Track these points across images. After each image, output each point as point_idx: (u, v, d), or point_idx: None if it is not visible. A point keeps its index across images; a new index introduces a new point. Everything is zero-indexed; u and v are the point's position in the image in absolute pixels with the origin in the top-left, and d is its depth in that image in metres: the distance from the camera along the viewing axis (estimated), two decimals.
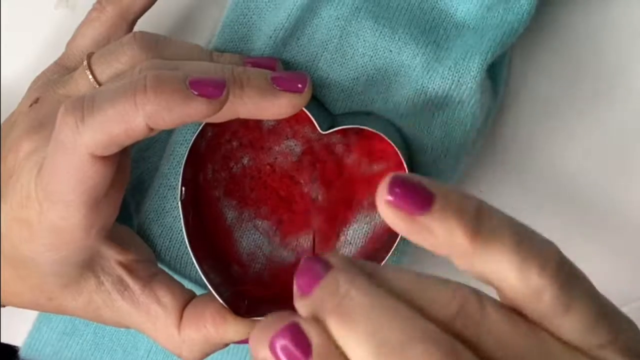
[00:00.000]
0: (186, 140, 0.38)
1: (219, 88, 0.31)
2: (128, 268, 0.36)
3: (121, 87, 0.31)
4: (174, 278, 0.37)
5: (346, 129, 0.37)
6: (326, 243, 0.39)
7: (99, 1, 0.38)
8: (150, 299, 0.36)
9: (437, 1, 0.38)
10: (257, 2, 0.38)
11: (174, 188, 0.38)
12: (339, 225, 0.38)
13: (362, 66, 0.37)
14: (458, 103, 0.37)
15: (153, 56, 0.35)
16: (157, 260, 0.38)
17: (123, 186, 0.34)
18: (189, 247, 0.36)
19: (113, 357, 0.43)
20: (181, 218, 0.36)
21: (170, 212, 0.38)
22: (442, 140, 0.37)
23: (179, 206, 0.36)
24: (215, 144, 0.37)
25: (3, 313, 0.41)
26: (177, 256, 0.39)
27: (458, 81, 0.36)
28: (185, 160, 0.36)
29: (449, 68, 0.37)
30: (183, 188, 0.36)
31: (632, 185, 0.42)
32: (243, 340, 0.36)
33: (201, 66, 0.33)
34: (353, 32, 0.37)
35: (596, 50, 0.41)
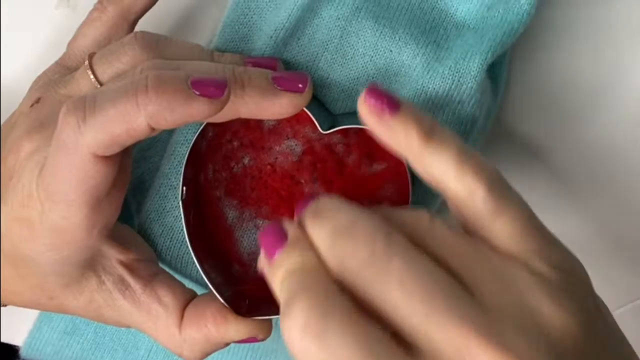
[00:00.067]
0: (187, 140, 0.38)
1: (221, 88, 0.31)
2: (129, 267, 0.36)
3: (123, 87, 0.31)
4: (175, 278, 0.37)
5: (347, 129, 0.37)
6: None
7: (100, 1, 0.38)
8: (151, 299, 0.36)
9: (438, 1, 0.38)
10: (258, 2, 0.38)
11: (175, 188, 0.38)
12: None
13: (363, 66, 0.37)
14: (458, 103, 0.37)
15: (154, 56, 0.35)
16: (158, 259, 0.38)
17: (124, 186, 0.34)
18: (190, 247, 0.36)
19: (114, 357, 0.43)
20: (182, 218, 0.36)
21: (171, 212, 0.38)
22: None
23: (180, 206, 0.36)
24: (216, 144, 0.37)
25: (3, 312, 0.41)
26: (178, 256, 0.39)
27: (458, 81, 0.37)
28: (186, 160, 0.36)
29: (449, 68, 0.37)
30: (184, 188, 0.36)
31: (633, 184, 0.42)
32: (244, 339, 0.36)
33: (202, 66, 0.33)
34: (353, 32, 0.37)
35: (596, 49, 0.41)
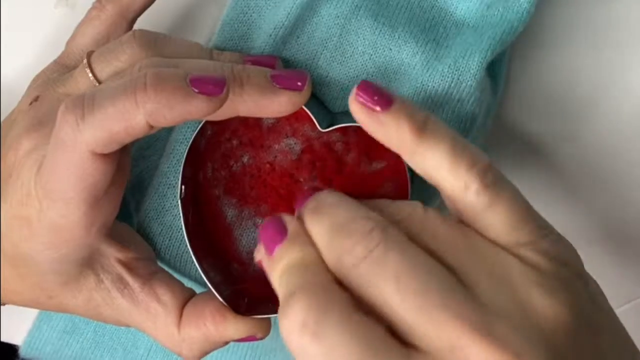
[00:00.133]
0: (186, 138, 0.38)
1: (219, 86, 0.31)
2: (128, 266, 0.36)
3: (121, 85, 0.31)
4: (174, 276, 0.37)
5: (346, 127, 0.37)
6: None
7: (99, 0, 0.38)
8: (149, 297, 0.36)
9: None
10: (257, 1, 0.38)
11: (174, 186, 0.38)
12: None
13: (362, 64, 0.37)
14: (458, 101, 0.37)
15: (153, 54, 0.35)
16: (157, 258, 0.38)
17: (123, 184, 0.34)
18: (189, 246, 0.36)
19: (113, 356, 0.43)
20: (181, 216, 0.36)
21: (170, 211, 0.38)
22: None
23: (179, 204, 0.36)
24: (215, 143, 0.37)
25: (3, 312, 0.41)
26: (177, 254, 0.39)
27: (458, 79, 0.37)
28: (185, 158, 0.36)
29: (449, 66, 0.37)
30: (183, 186, 0.36)
31: (633, 184, 0.42)
32: (243, 338, 0.36)
33: (201, 64, 0.33)
34: (353, 31, 0.37)
35: (596, 48, 0.41)
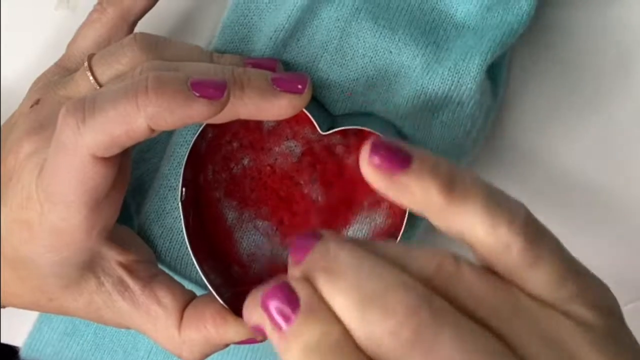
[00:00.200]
0: (186, 141, 0.38)
1: (220, 89, 0.31)
2: (128, 269, 0.36)
3: (122, 89, 0.31)
4: (174, 279, 0.37)
5: (346, 130, 0.37)
6: None
7: (100, 2, 0.38)
8: (150, 300, 0.36)
9: (437, 2, 0.38)
10: (258, 3, 0.38)
11: (175, 189, 0.38)
12: (339, 226, 0.39)
13: (362, 67, 0.37)
14: (458, 104, 0.37)
15: (153, 57, 0.35)
16: (158, 261, 0.38)
17: (124, 187, 0.34)
18: (190, 248, 0.36)
19: (113, 358, 0.43)
20: (181, 219, 0.36)
21: (170, 213, 0.38)
22: (442, 140, 0.37)
23: (180, 207, 0.36)
24: (215, 145, 0.37)
25: (3, 314, 0.41)
26: (178, 257, 0.39)
27: (458, 82, 0.37)
28: (185, 161, 0.36)
29: (449, 69, 0.37)
30: (183, 189, 0.36)
31: (633, 184, 0.42)
32: (243, 340, 0.36)
33: (202, 67, 0.33)
34: (353, 33, 0.37)
35: (596, 50, 0.41)
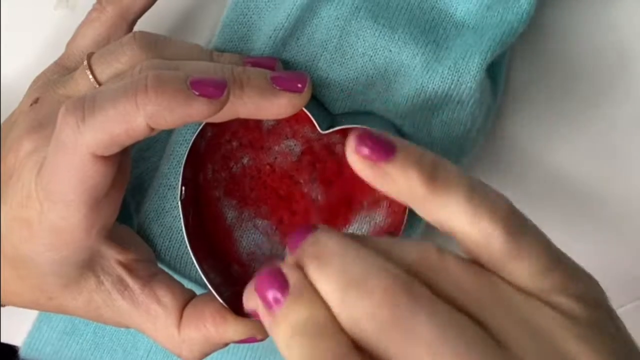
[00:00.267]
0: (186, 140, 0.38)
1: (220, 88, 0.31)
2: (128, 268, 0.36)
3: (122, 87, 0.31)
4: (174, 278, 0.37)
5: (346, 129, 0.37)
6: None
7: (99, 1, 0.38)
8: (150, 299, 0.36)
9: (437, 1, 0.38)
10: (257, 2, 0.38)
11: (174, 188, 0.38)
12: (339, 225, 0.39)
13: (362, 66, 0.37)
14: (457, 103, 0.37)
15: (153, 56, 0.35)
16: (157, 260, 0.38)
17: (123, 186, 0.34)
18: (189, 247, 0.36)
19: (113, 357, 0.43)
20: (181, 218, 0.36)
21: (170, 212, 0.38)
22: (442, 139, 0.37)
23: (179, 206, 0.36)
24: (215, 144, 0.37)
25: (3, 313, 0.41)
26: (177, 256, 0.39)
27: (458, 81, 0.37)
28: (185, 160, 0.36)
29: (449, 68, 0.37)
30: (183, 188, 0.36)
31: (633, 184, 0.42)
32: (243, 339, 0.36)
33: (201, 66, 0.33)
34: (353, 32, 0.37)
35: (595, 49, 0.41)
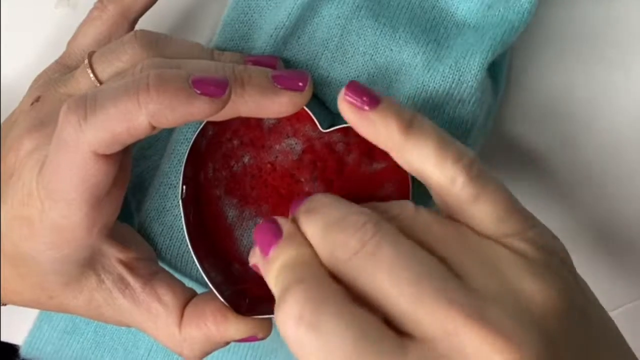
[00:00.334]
0: (187, 138, 0.38)
1: (221, 87, 0.31)
2: (129, 266, 0.36)
3: (123, 86, 0.31)
4: (175, 276, 0.37)
5: (347, 128, 0.37)
6: None
7: (101, 0, 0.38)
8: (151, 297, 0.36)
9: (438, 0, 0.38)
10: (258, 1, 0.38)
11: (175, 186, 0.38)
12: None
13: (363, 65, 0.37)
14: (459, 102, 0.37)
15: (154, 55, 0.35)
16: (158, 258, 0.38)
17: (124, 184, 0.34)
18: (190, 246, 0.36)
19: (114, 356, 0.43)
20: (182, 216, 0.36)
21: (171, 211, 0.38)
22: None
23: (180, 205, 0.36)
24: (216, 143, 0.37)
25: (4, 311, 0.41)
26: (178, 255, 0.39)
27: (459, 80, 0.37)
28: (186, 158, 0.36)
29: (450, 67, 0.37)
30: (184, 186, 0.36)
31: (633, 184, 0.42)
32: (244, 338, 0.36)
33: (202, 65, 0.33)
34: (354, 31, 0.37)
35: (596, 49, 0.41)
